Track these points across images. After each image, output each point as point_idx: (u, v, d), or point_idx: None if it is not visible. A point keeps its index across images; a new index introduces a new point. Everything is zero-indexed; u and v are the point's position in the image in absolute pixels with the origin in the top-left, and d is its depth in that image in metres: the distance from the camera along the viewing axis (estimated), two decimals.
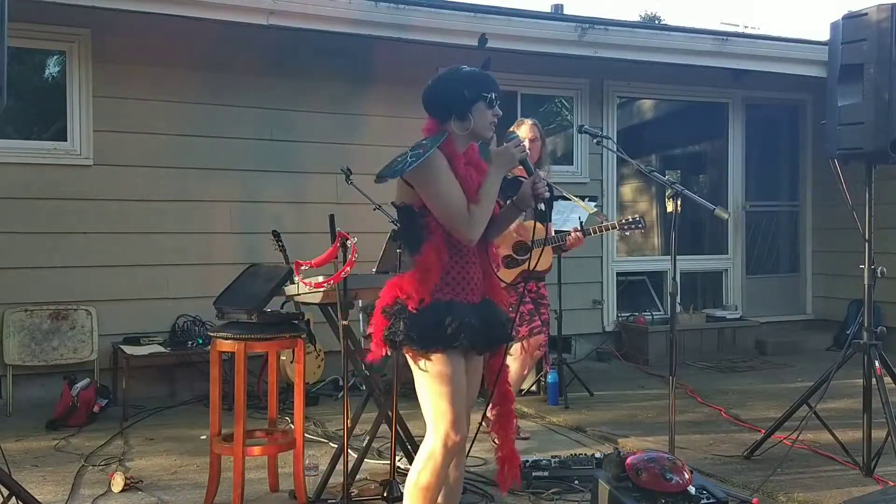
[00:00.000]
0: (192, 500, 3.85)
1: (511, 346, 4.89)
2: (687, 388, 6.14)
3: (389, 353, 2.81)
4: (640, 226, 4.88)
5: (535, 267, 4.73)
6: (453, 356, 2.73)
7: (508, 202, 2.94)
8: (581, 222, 4.96)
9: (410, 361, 2.77)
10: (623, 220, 4.92)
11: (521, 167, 2.92)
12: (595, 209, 5.41)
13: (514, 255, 4.87)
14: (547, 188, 2.87)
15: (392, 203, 2.87)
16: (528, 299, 4.86)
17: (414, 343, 2.70)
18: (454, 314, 2.70)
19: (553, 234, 4.96)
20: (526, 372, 4.94)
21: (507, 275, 4.80)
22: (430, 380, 2.74)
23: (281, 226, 6.02)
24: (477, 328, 2.74)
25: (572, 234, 4.79)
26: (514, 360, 4.85)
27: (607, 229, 4.93)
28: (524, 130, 4.86)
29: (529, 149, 4.76)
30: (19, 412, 5.53)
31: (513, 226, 4.75)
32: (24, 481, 3.72)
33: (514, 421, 3.08)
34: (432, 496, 2.77)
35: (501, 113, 2.86)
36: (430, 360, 2.72)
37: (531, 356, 4.86)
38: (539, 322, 4.83)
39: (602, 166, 7.82)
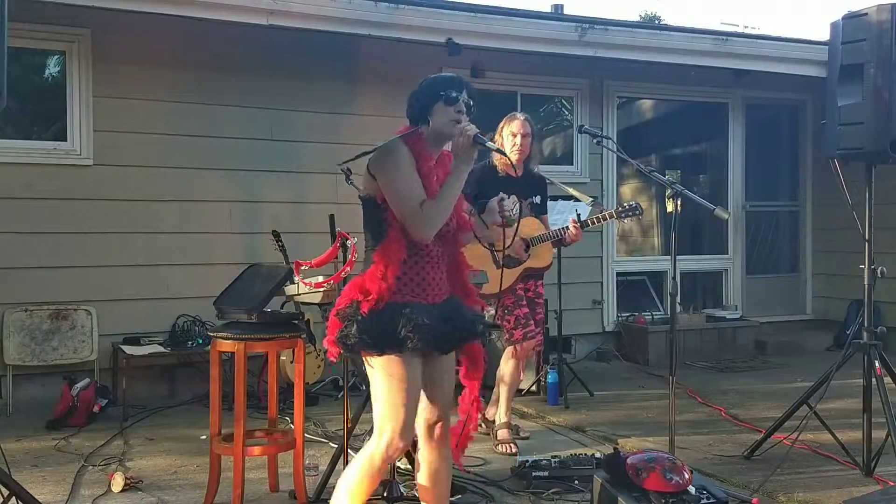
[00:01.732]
0: (192, 500, 3.85)
1: (504, 348, 4.91)
2: (687, 388, 6.14)
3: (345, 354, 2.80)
4: (637, 212, 4.82)
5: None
6: (408, 359, 2.70)
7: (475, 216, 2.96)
8: (578, 214, 4.93)
9: (366, 363, 2.75)
10: (620, 208, 4.87)
11: (503, 158, 2.90)
12: (592, 201, 5.38)
13: (514, 254, 4.85)
14: (514, 209, 2.88)
15: (358, 195, 2.86)
16: (523, 301, 4.85)
17: (366, 346, 2.67)
18: (408, 316, 2.66)
19: (553, 229, 4.95)
20: (519, 375, 4.91)
21: (508, 274, 4.79)
22: (381, 383, 2.72)
23: (281, 226, 6.02)
24: (436, 329, 2.69)
25: (571, 228, 4.77)
26: (506, 363, 4.84)
27: (605, 219, 4.89)
28: (515, 126, 4.83)
29: (521, 144, 4.79)
30: (19, 412, 5.53)
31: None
32: (24, 481, 3.71)
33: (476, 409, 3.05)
34: (360, 500, 2.77)
35: (465, 108, 2.81)
36: (383, 362, 2.70)
37: (524, 359, 4.85)
38: (533, 326, 4.81)
39: (602, 166, 7.82)
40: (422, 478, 2.93)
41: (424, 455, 2.91)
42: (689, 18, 50.39)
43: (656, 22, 21.04)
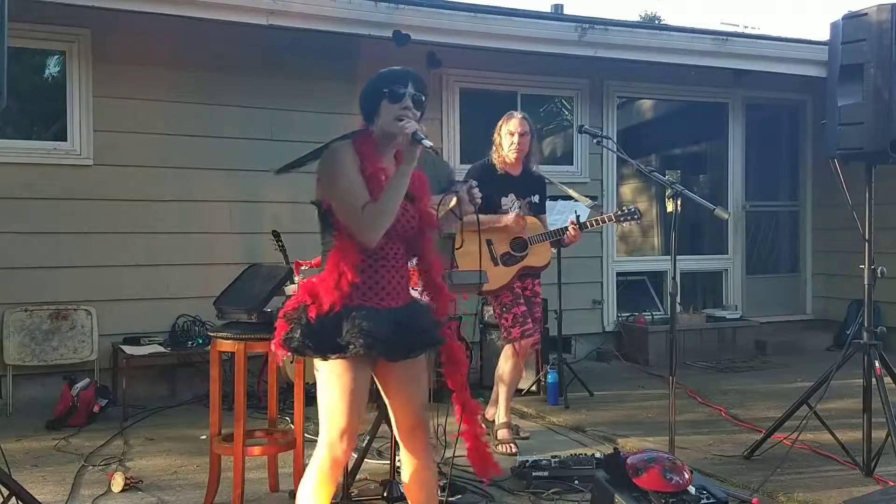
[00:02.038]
0: (192, 500, 3.85)
1: (503, 346, 4.92)
2: (687, 388, 6.14)
3: (292, 357, 2.77)
4: (635, 217, 4.84)
5: (528, 262, 4.81)
6: (354, 365, 2.62)
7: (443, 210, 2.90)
8: (577, 216, 4.94)
9: (314, 366, 2.72)
10: (619, 213, 4.89)
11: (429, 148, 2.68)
12: (591, 203, 5.40)
13: (512, 252, 4.86)
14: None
15: (311, 200, 2.78)
16: (521, 300, 4.85)
17: (309, 350, 2.61)
18: (354, 321, 2.57)
19: (551, 229, 4.96)
20: (517, 373, 4.91)
21: (505, 272, 4.79)
22: (326, 387, 2.67)
23: (281, 226, 6.01)
24: (383, 335, 2.59)
25: (570, 230, 4.78)
26: (505, 362, 4.84)
27: (604, 222, 4.91)
28: (513, 124, 4.81)
29: (518, 143, 4.78)
30: (19, 412, 5.53)
31: (510, 218, 4.76)
32: (24, 481, 3.71)
33: (478, 417, 3.05)
34: None
35: (412, 103, 2.74)
36: (327, 367, 2.64)
37: (523, 358, 4.85)
38: (531, 324, 4.81)
39: (602, 166, 7.82)
40: (407, 484, 2.89)
41: (407, 462, 2.86)
42: (689, 18, 50.39)
43: (656, 22, 21.04)
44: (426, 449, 2.88)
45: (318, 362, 2.67)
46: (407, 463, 2.87)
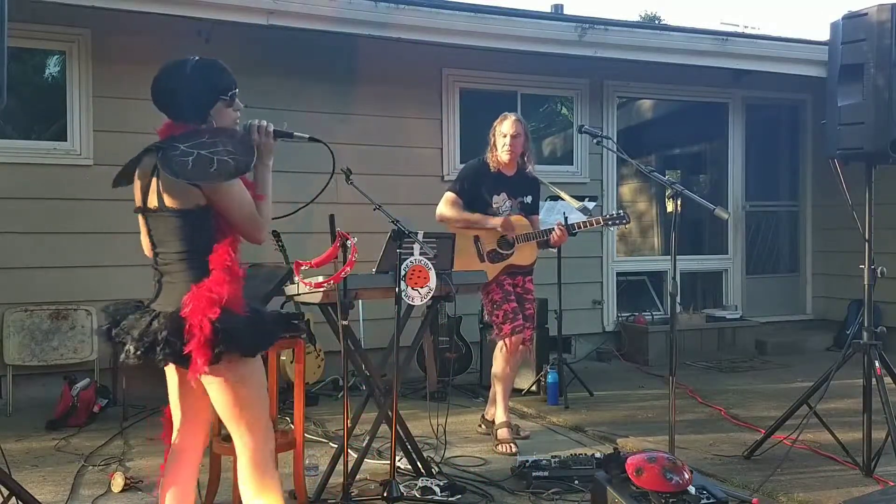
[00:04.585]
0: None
1: (495, 344, 4.93)
2: (687, 388, 6.14)
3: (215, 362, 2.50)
4: (624, 221, 4.91)
5: (514, 260, 4.85)
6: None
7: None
8: (565, 217, 4.99)
9: (219, 379, 2.52)
10: (608, 216, 4.95)
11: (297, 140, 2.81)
12: (581, 205, 5.43)
13: (499, 250, 4.88)
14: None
15: (152, 207, 2.65)
16: (512, 296, 4.86)
17: (241, 349, 2.50)
18: (262, 317, 2.60)
19: (540, 228, 4.98)
20: (511, 370, 4.92)
21: (491, 269, 4.81)
22: (253, 387, 2.60)
23: (281, 226, 6.00)
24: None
25: (556, 231, 4.81)
26: (498, 358, 4.85)
27: (591, 225, 4.95)
28: (506, 126, 4.85)
29: (510, 144, 4.81)
30: (19, 412, 5.53)
31: (497, 222, 4.79)
32: (24, 481, 3.72)
33: None
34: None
35: (243, 106, 2.75)
36: (255, 363, 2.59)
37: (514, 354, 4.86)
38: (521, 321, 4.82)
39: (602, 166, 7.82)
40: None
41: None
42: (689, 18, 50.41)
43: (656, 22, 21.05)
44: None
45: (240, 363, 2.53)
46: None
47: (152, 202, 2.64)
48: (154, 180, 2.63)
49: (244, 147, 2.59)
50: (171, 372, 2.73)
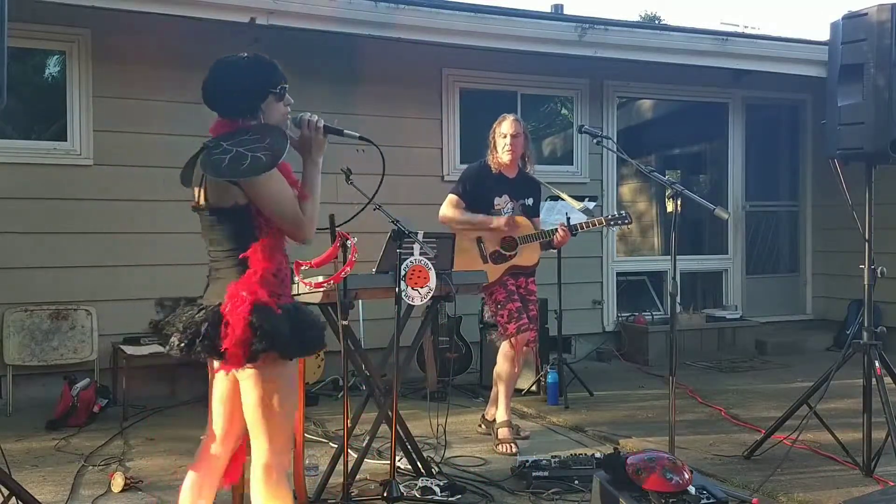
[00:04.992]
0: None
1: (496, 343, 4.94)
2: (687, 388, 6.14)
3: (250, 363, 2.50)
4: (626, 221, 4.92)
5: (517, 261, 4.85)
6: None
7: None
8: (568, 218, 4.99)
9: (253, 375, 2.50)
10: (610, 217, 4.97)
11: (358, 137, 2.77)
12: (582, 206, 5.44)
13: (502, 251, 4.88)
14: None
15: (201, 205, 2.68)
16: (515, 297, 4.86)
17: (278, 348, 2.46)
18: (302, 318, 2.56)
19: (542, 229, 4.98)
20: (517, 370, 4.93)
21: (494, 270, 4.81)
22: (283, 392, 2.55)
23: None
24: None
25: (559, 232, 4.81)
26: (502, 360, 4.85)
27: (594, 225, 4.96)
28: (505, 126, 4.86)
29: (510, 144, 4.81)
30: (19, 412, 5.53)
31: (501, 222, 4.79)
32: (24, 481, 3.71)
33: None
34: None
35: (293, 101, 2.74)
36: (292, 367, 2.58)
37: (519, 353, 4.86)
38: (526, 319, 4.83)
39: (602, 166, 7.82)
40: None
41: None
42: (689, 18, 50.41)
43: (656, 22, 21.05)
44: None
45: (275, 364, 2.50)
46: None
47: (200, 200, 2.69)
48: (203, 178, 2.65)
49: (280, 141, 2.55)
50: (219, 377, 2.70)
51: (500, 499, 3.88)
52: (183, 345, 2.53)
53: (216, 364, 2.63)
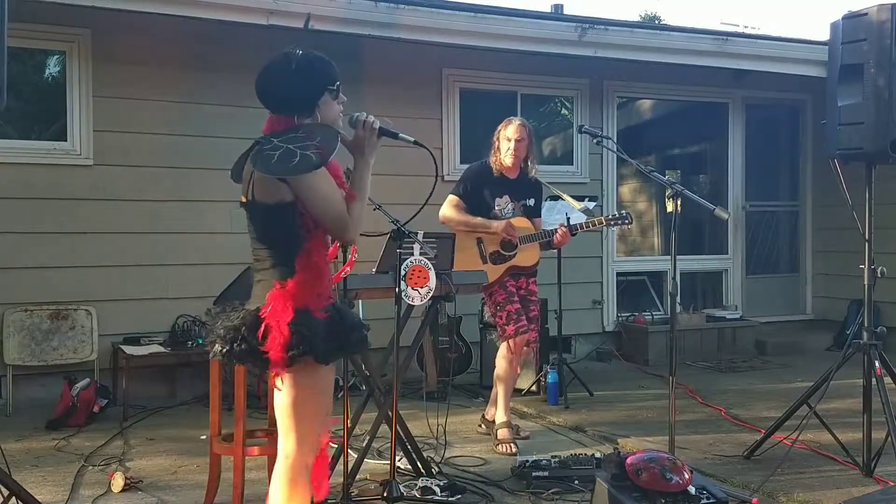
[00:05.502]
0: (192, 500, 3.85)
1: (496, 344, 4.94)
2: (687, 388, 6.14)
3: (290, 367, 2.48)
4: (627, 221, 4.93)
5: (518, 261, 4.85)
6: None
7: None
8: (568, 218, 5.00)
9: (289, 377, 2.50)
10: (610, 217, 4.98)
11: (411, 142, 2.74)
12: (582, 206, 5.44)
13: (501, 251, 4.89)
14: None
15: (248, 201, 2.64)
16: (515, 298, 4.86)
17: (316, 354, 2.45)
18: (350, 320, 2.57)
19: (542, 229, 4.99)
20: (515, 371, 4.93)
21: (494, 271, 4.82)
22: (315, 397, 2.57)
23: None
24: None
25: (559, 232, 4.82)
26: (502, 359, 4.85)
27: (594, 225, 4.97)
28: (511, 130, 4.86)
29: (514, 148, 4.82)
30: (19, 412, 5.53)
31: (500, 226, 4.79)
32: (24, 481, 3.72)
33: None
34: None
35: (346, 99, 2.73)
36: (325, 371, 2.56)
37: (519, 355, 4.86)
38: (525, 321, 4.82)
39: (602, 166, 7.82)
40: None
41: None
42: (689, 18, 50.39)
43: (656, 22, 21.04)
44: None
45: (312, 369, 2.50)
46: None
47: (248, 196, 2.64)
48: (252, 174, 2.60)
49: (331, 140, 2.51)
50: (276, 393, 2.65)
51: (500, 499, 3.88)
52: (224, 349, 2.52)
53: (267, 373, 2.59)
